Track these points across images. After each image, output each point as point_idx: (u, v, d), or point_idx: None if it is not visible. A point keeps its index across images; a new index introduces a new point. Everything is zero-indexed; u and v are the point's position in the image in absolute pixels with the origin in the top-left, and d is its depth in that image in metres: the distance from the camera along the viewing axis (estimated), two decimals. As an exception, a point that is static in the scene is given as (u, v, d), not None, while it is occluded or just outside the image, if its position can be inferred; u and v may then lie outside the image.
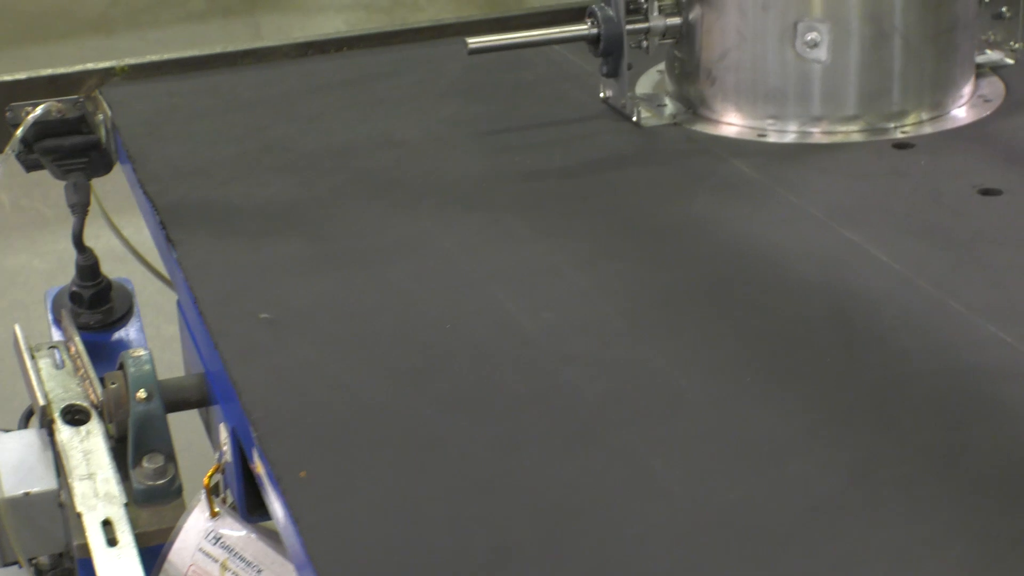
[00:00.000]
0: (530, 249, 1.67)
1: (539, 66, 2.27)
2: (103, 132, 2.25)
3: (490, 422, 1.31)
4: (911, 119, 1.98)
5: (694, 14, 2.00)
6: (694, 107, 2.05)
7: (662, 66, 2.17)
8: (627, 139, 1.99)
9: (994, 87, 2.10)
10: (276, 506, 1.25)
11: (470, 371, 1.39)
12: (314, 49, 2.44)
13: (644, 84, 2.16)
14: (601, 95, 2.10)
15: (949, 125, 1.98)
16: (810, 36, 1.93)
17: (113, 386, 1.63)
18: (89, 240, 2.29)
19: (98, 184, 2.31)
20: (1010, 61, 2.18)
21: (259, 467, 1.30)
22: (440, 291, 1.57)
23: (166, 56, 2.40)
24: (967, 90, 2.05)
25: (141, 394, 1.61)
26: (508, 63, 2.25)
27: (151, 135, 2.10)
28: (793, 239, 1.65)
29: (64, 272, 2.36)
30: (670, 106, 2.07)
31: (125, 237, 2.42)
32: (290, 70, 2.36)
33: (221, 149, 2.03)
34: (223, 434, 1.56)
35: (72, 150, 2.24)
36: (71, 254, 2.27)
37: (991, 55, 2.19)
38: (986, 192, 1.75)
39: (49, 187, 2.58)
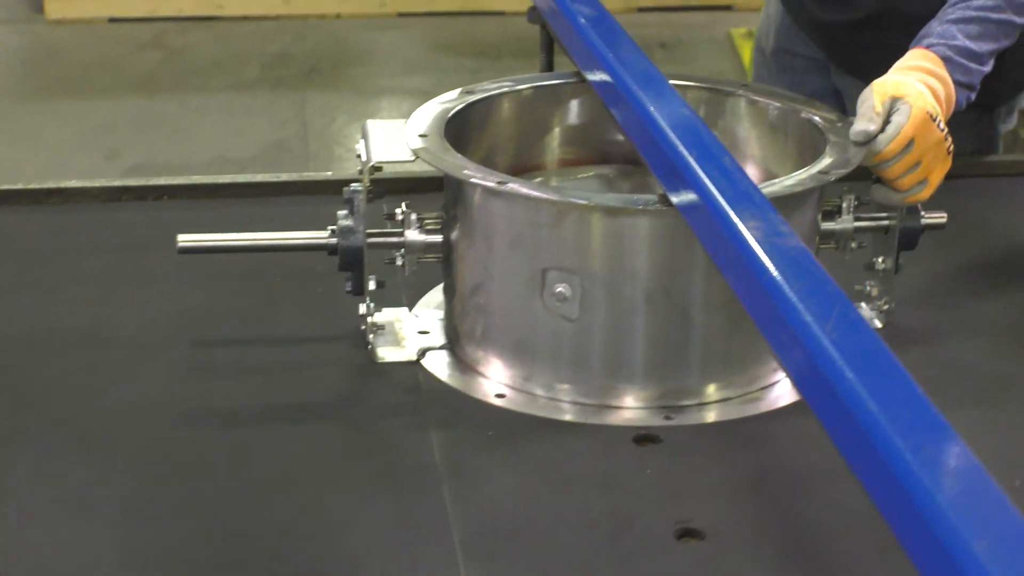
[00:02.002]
0: (80, 535, 1.36)
1: (339, 253, 1.95)
2: None
3: None
4: (692, 399, 1.61)
5: (454, 235, 1.67)
6: (452, 342, 1.72)
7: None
8: (345, 378, 1.67)
9: (829, 361, 1.70)
10: None
11: None
12: (129, 194, 2.17)
13: (435, 298, 1.82)
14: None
15: (736, 413, 1.60)
16: (559, 288, 1.57)
17: None
18: None
19: None
20: (878, 324, 1.78)
21: None
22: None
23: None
24: (786, 364, 1.67)
25: None
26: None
27: None
28: (388, 578, 1.32)
29: None
30: (435, 335, 1.74)
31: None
32: (83, 218, 2.09)
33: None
34: None
35: None
36: None
37: (861, 313, 1.79)
38: (685, 534, 1.38)
39: None
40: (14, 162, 4.16)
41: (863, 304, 1.80)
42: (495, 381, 1.65)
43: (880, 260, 1.76)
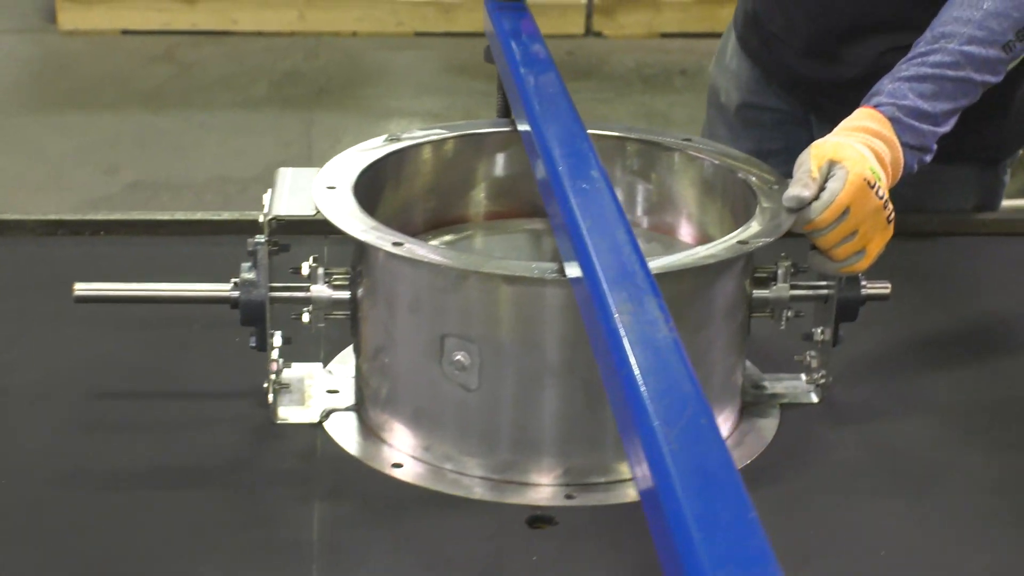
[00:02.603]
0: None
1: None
2: None
3: None
4: (599, 477, 1.51)
5: (360, 293, 1.58)
6: (359, 404, 1.63)
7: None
8: (240, 439, 1.58)
9: (755, 438, 1.60)
10: None
11: None
12: (66, 229, 2.10)
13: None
14: (272, 364, 1.70)
15: (646, 492, 1.51)
16: (458, 356, 1.49)
17: None
18: None
19: None
20: (814, 399, 1.68)
21: None
22: None
23: None
24: (708, 440, 1.57)
25: None
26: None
27: None
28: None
29: None
30: (345, 394, 1.65)
31: None
32: (15, 252, 2.01)
33: None
34: None
35: None
36: None
37: (797, 385, 1.69)
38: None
39: None
40: (13, 175, 4.11)
41: (802, 376, 1.70)
42: (396, 449, 1.56)
43: (819, 331, 1.67)
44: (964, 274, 2.03)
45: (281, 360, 1.65)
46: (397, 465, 1.54)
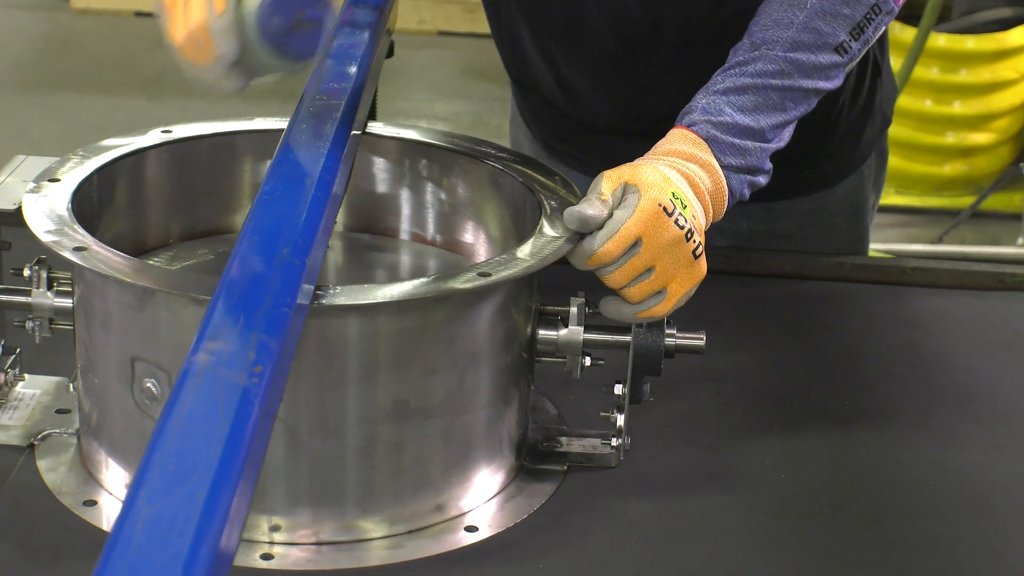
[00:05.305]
0: None
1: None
2: None
3: None
4: (311, 535, 1.30)
5: (78, 297, 1.38)
6: (80, 428, 1.43)
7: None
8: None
9: (516, 505, 1.36)
10: None
11: None
12: None
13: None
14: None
15: (393, 556, 1.30)
16: (148, 384, 1.28)
17: None
18: None
19: None
20: (611, 463, 1.44)
21: None
22: None
23: None
24: (453, 504, 1.34)
25: None
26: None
27: None
28: None
29: None
30: (77, 415, 1.46)
31: None
32: None
33: None
34: None
35: None
36: None
37: (597, 446, 1.44)
38: None
39: None
40: (-9, 155, 3.97)
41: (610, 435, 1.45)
42: (99, 484, 1.36)
43: (621, 383, 1.42)
44: (839, 326, 1.75)
45: (13, 372, 1.47)
46: (91, 503, 1.34)
